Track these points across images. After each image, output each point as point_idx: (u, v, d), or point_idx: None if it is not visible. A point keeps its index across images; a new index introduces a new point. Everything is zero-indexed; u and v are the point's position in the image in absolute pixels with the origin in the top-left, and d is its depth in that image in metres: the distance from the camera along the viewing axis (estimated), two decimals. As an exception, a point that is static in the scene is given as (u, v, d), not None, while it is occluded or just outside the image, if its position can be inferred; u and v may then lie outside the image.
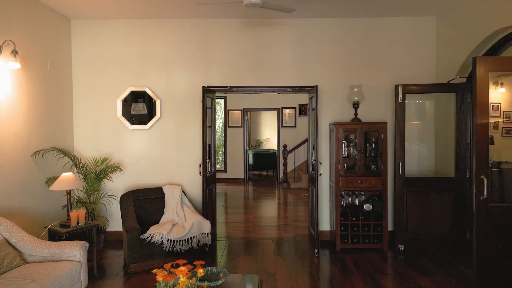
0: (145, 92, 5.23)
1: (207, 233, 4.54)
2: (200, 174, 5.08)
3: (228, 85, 5.23)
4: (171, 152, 5.29)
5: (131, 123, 5.26)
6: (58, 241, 3.57)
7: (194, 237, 4.43)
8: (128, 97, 5.26)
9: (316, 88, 4.88)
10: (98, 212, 5.04)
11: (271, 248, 5.04)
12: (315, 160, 4.94)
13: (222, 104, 11.39)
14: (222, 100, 11.30)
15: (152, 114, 5.27)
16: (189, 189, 5.26)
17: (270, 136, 14.36)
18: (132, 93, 5.25)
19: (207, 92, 5.07)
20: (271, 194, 9.45)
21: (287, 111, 11.33)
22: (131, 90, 5.23)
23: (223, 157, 11.47)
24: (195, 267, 2.05)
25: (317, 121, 5.01)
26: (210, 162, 5.36)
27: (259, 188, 10.29)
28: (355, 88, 4.97)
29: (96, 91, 5.26)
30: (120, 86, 5.25)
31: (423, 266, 4.32)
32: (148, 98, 5.26)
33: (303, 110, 11.17)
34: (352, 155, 4.99)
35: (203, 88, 4.94)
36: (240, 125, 11.31)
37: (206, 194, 4.98)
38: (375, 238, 4.85)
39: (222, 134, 11.52)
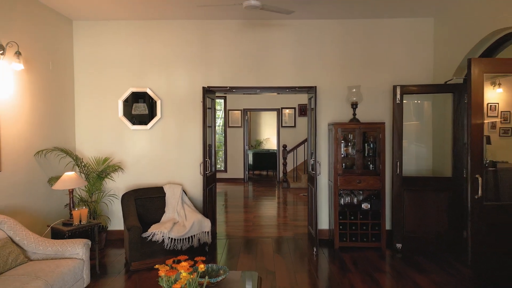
0: (146, 93, 5.30)
1: (208, 232, 4.60)
2: (201, 174, 5.14)
3: (228, 86, 5.29)
4: (172, 152, 5.36)
5: (132, 123, 5.32)
6: (61, 239, 3.63)
7: (195, 236, 4.49)
8: (129, 98, 5.32)
9: (315, 89, 4.95)
10: (100, 211, 5.10)
11: (271, 247, 5.10)
12: (314, 160, 5.00)
13: (222, 104, 11.45)
14: (222, 100, 11.36)
15: (153, 114, 5.33)
16: (190, 189, 5.32)
17: (270, 136, 14.42)
18: (133, 94, 5.31)
19: (207, 93, 5.13)
20: (271, 194, 9.51)
21: (287, 111, 11.39)
22: (132, 91, 5.29)
23: (223, 157, 11.53)
24: (196, 263, 2.11)
25: (316, 121, 5.07)
26: (210, 162, 5.42)
27: (259, 188, 10.36)
28: (354, 89, 5.03)
29: (98, 92, 5.32)
30: (121, 87, 5.31)
31: (421, 264, 4.39)
32: (149, 99, 5.33)
33: (303, 110, 11.24)
34: (351, 155, 5.05)
35: (204, 89, 5.00)
36: (240, 125, 11.37)
37: (207, 193, 5.05)
38: (373, 237, 4.91)
39: (222, 134, 11.58)
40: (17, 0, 4.12)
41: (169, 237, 4.31)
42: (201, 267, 2.05)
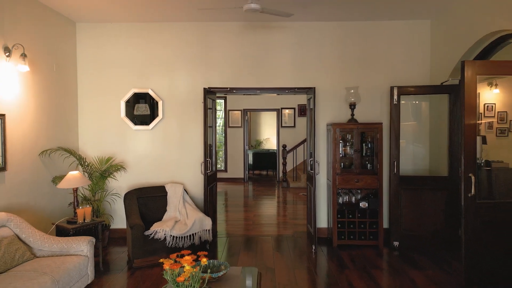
0: (148, 93, 5.39)
1: (208, 230, 4.70)
2: (202, 173, 5.24)
3: (229, 87, 5.38)
4: (173, 152, 5.45)
5: (134, 124, 5.41)
6: (66, 237, 3.73)
7: (196, 234, 4.59)
8: (131, 98, 5.41)
9: (314, 90, 5.04)
10: (103, 210, 5.19)
11: (270, 245, 5.19)
12: (313, 160, 5.09)
13: (223, 105, 11.55)
14: (222, 101, 11.46)
15: (154, 115, 5.43)
16: (191, 188, 5.42)
17: (270, 136, 14.51)
18: (135, 94, 5.40)
19: (208, 93, 5.23)
20: (271, 193, 9.61)
21: (287, 112, 11.48)
22: (134, 91, 5.38)
23: (224, 157, 11.63)
24: (199, 257, 2.21)
25: (315, 122, 5.17)
26: (211, 162, 5.51)
27: (259, 187, 10.45)
28: (352, 90, 5.12)
29: (100, 92, 5.41)
30: (124, 88, 5.40)
31: (417, 261, 4.48)
32: (150, 99, 5.42)
33: (302, 111, 11.32)
34: (349, 155, 5.14)
35: (205, 90, 5.09)
36: (240, 125, 11.46)
37: (207, 192, 5.14)
38: (371, 235, 5.00)
39: (223, 134, 11.68)
40: (22, 3, 4.21)
41: (171, 235, 4.40)
42: (204, 261, 2.15)
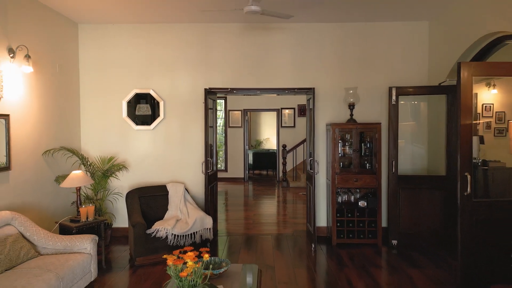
0: (149, 94, 5.45)
1: (209, 229, 4.77)
2: (202, 172, 5.31)
3: (229, 87, 5.44)
4: (174, 152, 5.51)
5: (136, 124, 5.47)
6: (69, 235, 3.79)
7: (197, 232, 4.66)
8: (132, 99, 5.47)
9: (313, 90, 5.11)
10: (105, 209, 5.25)
11: (270, 243, 5.26)
12: (312, 159, 5.16)
13: (223, 105, 11.61)
14: (223, 101, 11.52)
15: (155, 115, 5.49)
16: (192, 187, 5.48)
17: (270, 136, 14.57)
18: (136, 95, 5.47)
19: (209, 94, 5.29)
20: (271, 193, 9.67)
21: (287, 112, 11.55)
22: (136, 92, 5.44)
23: (224, 157, 11.69)
24: (201, 253, 2.27)
25: (314, 122, 5.23)
26: (212, 161, 5.58)
27: (259, 187, 10.51)
28: (351, 90, 5.19)
29: (102, 93, 5.47)
30: (125, 88, 5.47)
31: (415, 260, 4.55)
32: (151, 99, 5.48)
33: (302, 111, 11.39)
34: (348, 154, 5.21)
35: (205, 90, 5.16)
36: (240, 125, 11.53)
37: (208, 192, 5.21)
38: (370, 234, 5.07)
39: (223, 134, 11.74)
40: (26, 5, 4.28)
41: (173, 234, 4.47)
42: (206, 257, 2.22)
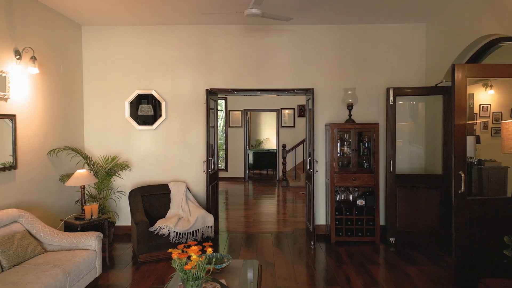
0: (151, 94, 5.55)
1: (211, 226, 4.87)
2: (204, 172, 5.40)
3: (230, 88, 5.54)
4: (176, 151, 5.61)
5: (138, 124, 5.57)
6: (74, 232, 3.89)
7: (199, 230, 4.76)
8: (134, 99, 5.57)
9: (313, 91, 5.21)
10: (108, 207, 5.35)
11: (270, 241, 5.35)
12: (312, 159, 5.26)
13: (223, 105, 11.70)
14: (223, 101, 11.61)
15: (157, 115, 5.59)
16: (193, 186, 5.58)
17: (270, 136, 14.67)
18: (138, 95, 5.56)
19: (210, 94, 5.39)
20: (271, 192, 9.77)
21: (286, 112, 11.64)
22: (138, 93, 5.54)
23: (224, 157, 11.78)
24: (204, 248, 2.37)
25: (314, 122, 5.33)
26: (213, 161, 5.67)
27: (259, 187, 10.61)
28: (349, 91, 5.29)
29: (105, 93, 5.57)
30: (128, 89, 5.57)
31: (412, 257, 4.65)
32: (153, 100, 5.58)
33: (302, 111, 11.48)
34: (346, 154, 5.30)
35: (207, 91, 5.26)
36: (241, 125, 11.63)
37: (209, 191, 5.30)
38: (368, 232, 5.17)
39: (223, 134, 11.83)
40: (31, 8, 4.38)
41: (175, 231, 4.57)
42: (209, 251, 2.31)
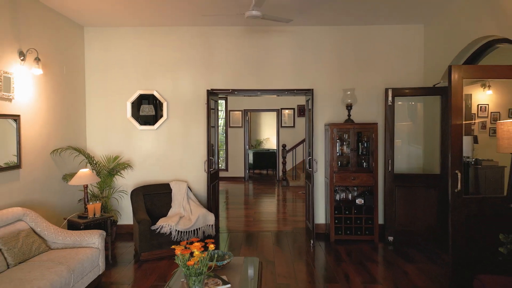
0: (152, 95, 5.61)
1: (212, 225, 4.94)
2: (205, 171, 5.47)
3: (231, 88, 5.61)
4: (177, 151, 5.68)
5: (139, 124, 5.64)
6: (78, 230, 3.96)
7: (200, 228, 4.82)
8: (136, 100, 5.64)
9: (312, 91, 5.27)
10: (110, 206, 5.42)
11: (270, 240, 5.42)
12: (311, 158, 5.32)
13: (224, 105, 11.77)
14: (224, 101, 11.68)
15: (158, 115, 5.65)
16: (194, 185, 5.65)
17: (270, 136, 14.74)
18: (140, 95, 5.63)
19: (211, 95, 5.45)
20: (271, 192, 9.83)
21: (286, 112, 11.71)
22: (140, 93, 5.60)
23: (224, 156, 11.85)
24: (207, 244, 2.44)
25: (313, 122, 5.40)
26: (213, 160, 5.74)
27: (259, 186, 10.68)
28: (348, 91, 5.35)
29: (107, 94, 5.64)
30: (130, 89, 5.63)
31: (410, 255, 4.72)
32: (154, 100, 5.64)
33: (302, 111, 11.55)
34: (346, 153, 5.37)
35: (208, 91, 5.32)
36: (241, 125, 11.69)
37: (210, 190, 5.37)
38: (367, 230, 5.23)
39: (223, 134, 11.90)
40: (35, 9, 4.44)
41: (176, 230, 4.64)
42: (211, 247, 2.38)
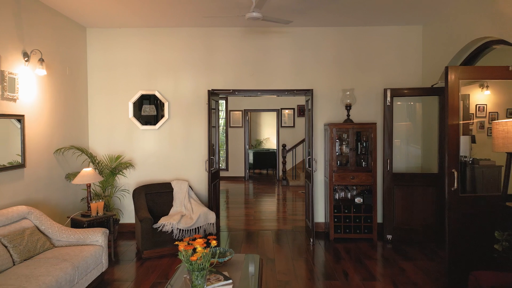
0: (153, 95, 5.68)
1: (213, 223, 5.00)
2: (206, 170, 5.54)
3: (231, 89, 5.68)
4: (179, 150, 5.75)
5: (141, 124, 5.71)
6: (81, 228, 4.02)
7: (201, 227, 4.89)
8: (138, 100, 5.70)
9: (312, 92, 5.34)
10: (113, 205, 5.48)
11: (271, 238, 5.49)
12: (311, 158, 5.39)
13: (224, 105, 11.84)
14: (224, 101, 11.75)
15: (159, 115, 5.72)
16: (195, 184, 5.72)
17: (270, 136, 14.80)
18: (141, 96, 5.69)
19: (212, 95, 5.52)
20: (271, 191, 9.90)
21: (286, 112, 11.78)
22: (142, 93, 5.67)
23: (225, 156, 11.92)
24: (209, 240, 2.51)
25: (313, 122, 5.46)
26: (214, 160, 5.81)
27: (259, 186, 10.74)
28: (348, 92, 5.42)
29: (109, 94, 5.71)
30: (131, 89, 5.70)
31: (408, 253, 4.79)
32: (155, 100, 5.71)
33: (302, 111, 11.62)
34: (345, 153, 5.44)
35: (209, 92, 5.39)
36: (241, 125, 11.76)
37: (211, 189, 5.44)
38: (366, 229, 5.30)
39: (224, 134, 11.97)
40: (38, 11, 4.51)
41: (178, 228, 4.70)
42: (214, 243, 2.45)
